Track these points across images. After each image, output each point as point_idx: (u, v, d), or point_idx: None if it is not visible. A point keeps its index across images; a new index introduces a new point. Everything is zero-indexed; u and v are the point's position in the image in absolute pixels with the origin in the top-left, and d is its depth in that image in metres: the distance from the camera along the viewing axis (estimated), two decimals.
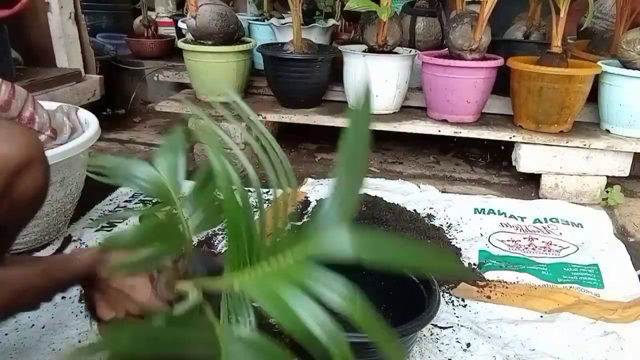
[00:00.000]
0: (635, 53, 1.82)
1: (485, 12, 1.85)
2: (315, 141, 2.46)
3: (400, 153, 2.39)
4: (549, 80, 1.82)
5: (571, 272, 1.42)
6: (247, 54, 2.15)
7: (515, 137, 1.92)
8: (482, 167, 2.27)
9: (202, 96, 2.17)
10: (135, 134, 2.58)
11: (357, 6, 1.93)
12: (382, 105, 2.08)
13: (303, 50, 2.04)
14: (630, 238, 1.69)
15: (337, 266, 1.25)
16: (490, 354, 1.11)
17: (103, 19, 3.34)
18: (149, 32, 2.99)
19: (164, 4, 3.52)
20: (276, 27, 2.35)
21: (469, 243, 1.56)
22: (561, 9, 1.78)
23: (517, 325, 1.20)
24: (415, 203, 1.78)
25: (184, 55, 2.14)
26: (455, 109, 1.98)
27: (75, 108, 1.61)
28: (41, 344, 1.09)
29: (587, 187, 1.92)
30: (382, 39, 2.02)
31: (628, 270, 1.44)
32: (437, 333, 1.17)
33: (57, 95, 2.14)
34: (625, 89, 1.86)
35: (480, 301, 1.30)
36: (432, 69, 1.98)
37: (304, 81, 2.08)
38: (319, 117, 2.06)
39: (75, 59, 2.43)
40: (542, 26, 2.22)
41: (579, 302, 1.28)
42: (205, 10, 2.03)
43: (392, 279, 1.15)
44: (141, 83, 2.94)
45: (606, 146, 1.86)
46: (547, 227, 1.68)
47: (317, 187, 1.89)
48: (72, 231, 1.51)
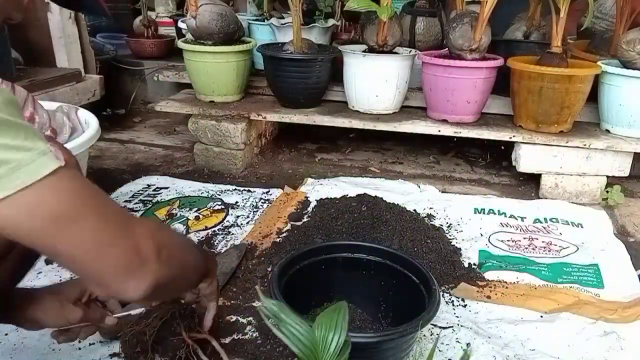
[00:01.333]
0: (635, 53, 1.82)
1: (485, 12, 1.85)
2: (315, 141, 2.46)
3: (400, 153, 2.39)
4: (549, 80, 1.82)
5: (571, 272, 1.42)
6: (247, 54, 2.15)
7: (515, 137, 1.92)
8: (482, 167, 2.27)
9: (202, 96, 2.17)
10: (135, 134, 2.58)
11: (357, 6, 1.93)
12: (382, 105, 2.08)
13: (303, 50, 2.04)
14: (630, 238, 1.69)
15: (337, 266, 1.25)
16: (490, 354, 1.11)
17: (103, 19, 3.33)
18: (149, 32, 2.99)
19: (164, 4, 3.52)
20: (276, 27, 2.35)
21: (469, 243, 1.56)
22: (561, 9, 1.78)
23: (517, 325, 1.20)
24: (415, 203, 1.78)
25: (184, 55, 2.14)
26: (455, 109, 1.98)
27: (75, 108, 1.61)
28: (41, 344, 1.09)
29: (587, 187, 1.92)
30: (382, 39, 2.01)
31: (628, 270, 1.44)
32: (437, 333, 1.17)
33: (57, 95, 2.14)
34: (625, 89, 1.86)
35: (480, 301, 1.30)
36: (432, 69, 1.98)
37: (304, 81, 2.08)
38: (319, 117, 2.06)
39: (75, 59, 2.43)
40: (542, 26, 2.22)
41: (579, 302, 1.28)
42: (205, 10, 2.03)
43: (392, 279, 1.15)
44: (141, 83, 2.94)
45: (606, 146, 1.86)
46: (547, 227, 1.68)
47: (317, 187, 1.89)
48: None
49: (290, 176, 2.07)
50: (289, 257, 1.11)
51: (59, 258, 0.61)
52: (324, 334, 0.75)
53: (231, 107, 2.11)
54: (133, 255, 0.63)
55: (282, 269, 1.06)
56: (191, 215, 1.68)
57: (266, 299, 0.79)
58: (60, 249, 0.58)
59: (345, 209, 1.59)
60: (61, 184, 0.56)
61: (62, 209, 0.56)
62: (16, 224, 0.54)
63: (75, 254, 0.59)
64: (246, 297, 1.28)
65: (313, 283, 1.13)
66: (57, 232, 0.56)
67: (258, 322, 1.18)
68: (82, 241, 0.58)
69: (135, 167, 2.14)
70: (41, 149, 0.54)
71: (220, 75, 2.11)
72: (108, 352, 1.06)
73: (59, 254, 0.59)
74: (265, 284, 1.32)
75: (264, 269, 1.38)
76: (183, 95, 2.27)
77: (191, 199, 1.80)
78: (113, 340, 1.08)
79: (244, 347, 1.10)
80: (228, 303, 1.25)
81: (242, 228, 1.62)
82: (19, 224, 0.54)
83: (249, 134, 2.09)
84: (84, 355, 1.06)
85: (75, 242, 0.58)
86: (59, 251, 0.58)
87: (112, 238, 0.61)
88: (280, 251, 1.44)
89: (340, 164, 2.25)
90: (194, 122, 2.06)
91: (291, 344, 0.73)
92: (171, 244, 0.72)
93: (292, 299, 0.96)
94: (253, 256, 1.45)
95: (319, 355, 0.74)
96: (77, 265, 0.61)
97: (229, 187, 1.92)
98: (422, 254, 1.42)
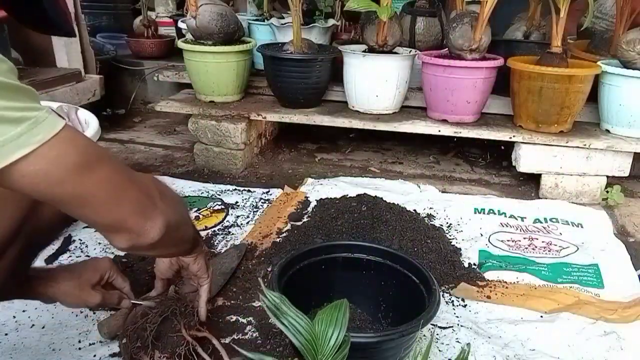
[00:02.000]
0: (635, 53, 1.82)
1: (485, 12, 1.85)
2: (315, 141, 2.46)
3: (400, 153, 2.39)
4: (549, 80, 1.82)
5: (571, 272, 1.42)
6: (247, 54, 2.15)
7: (515, 137, 1.92)
8: (482, 167, 2.27)
9: (202, 96, 2.17)
10: (135, 134, 2.58)
11: (357, 6, 1.93)
12: (382, 105, 2.08)
13: (303, 50, 2.04)
14: (630, 238, 1.69)
15: (337, 266, 1.25)
16: (490, 354, 1.11)
17: (103, 19, 3.34)
18: (149, 32, 2.99)
19: (164, 4, 3.52)
20: (276, 27, 2.35)
21: (469, 243, 1.56)
22: (561, 9, 1.78)
23: (517, 325, 1.20)
24: (415, 203, 1.78)
25: (184, 55, 2.14)
26: (455, 109, 1.98)
27: (75, 108, 1.61)
28: (41, 344, 1.09)
29: (587, 187, 1.92)
30: (382, 39, 2.02)
31: (628, 270, 1.44)
32: (437, 333, 1.17)
33: (57, 95, 2.15)
34: (625, 89, 1.86)
35: (480, 301, 1.30)
36: (432, 69, 1.98)
37: (304, 81, 2.08)
38: (319, 117, 2.07)
39: (75, 59, 2.43)
40: (542, 26, 2.22)
41: (579, 302, 1.28)
42: (205, 10, 2.03)
43: (392, 279, 1.15)
44: (141, 83, 2.94)
45: (606, 146, 1.86)
46: (547, 227, 1.68)
47: (317, 187, 1.90)
48: (72, 231, 1.51)
49: (290, 176, 2.07)
50: (289, 257, 1.11)
51: (83, 209, 0.64)
52: (324, 329, 0.76)
53: (231, 107, 2.11)
54: (145, 197, 0.70)
55: (282, 269, 1.06)
56: (191, 215, 1.68)
57: (268, 291, 0.81)
58: (86, 196, 0.62)
59: (345, 209, 1.59)
60: (75, 136, 0.61)
61: (82, 158, 0.60)
62: (46, 177, 0.57)
63: (99, 199, 0.64)
64: (246, 297, 1.28)
65: (313, 283, 1.13)
66: (83, 179, 0.61)
67: (258, 322, 1.18)
68: (104, 186, 0.64)
69: (135, 167, 2.14)
70: (46, 108, 0.58)
71: (220, 75, 2.11)
72: (108, 352, 1.06)
73: (84, 203, 0.63)
74: (265, 284, 1.32)
75: (264, 269, 1.38)
76: (183, 95, 2.27)
77: (191, 199, 1.80)
78: (113, 340, 1.08)
79: (244, 347, 1.10)
80: (228, 303, 1.25)
81: (242, 228, 1.62)
82: (48, 177, 0.57)
83: (249, 134, 2.09)
84: (84, 355, 1.06)
85: (98, 187, 0.63)
86: (84, 200, 0.63)
87: (126, 181, 0.68)
88: (280, 251, 1.44)
89: (340, 164, 2.25)
90: (194, 122, 2.06)
91: (291, 336, 0.74)
92: (167, 190, 0.78)
93: (292, 299, 0.96)
94: (253, 256, 1.45)
95: (319, 349, 0.74)
96: (100, 213, 0.65)
97: (229, 187, 1.92)
98: (422, 254, 1.42)
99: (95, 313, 1.18)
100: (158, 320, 0.95)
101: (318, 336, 0.75)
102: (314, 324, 0.77)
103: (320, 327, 0.76)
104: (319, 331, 0.76)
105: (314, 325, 0.77)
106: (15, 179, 0.56)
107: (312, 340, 0.75)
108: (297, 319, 0.76)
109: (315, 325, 0.76)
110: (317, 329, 0.76)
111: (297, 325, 0.75)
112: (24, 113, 0.55)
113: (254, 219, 1.68)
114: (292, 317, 0.76)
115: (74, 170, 0.59)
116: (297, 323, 0.75)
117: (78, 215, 0.66)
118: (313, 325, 0.76)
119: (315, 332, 0.75)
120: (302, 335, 0.74)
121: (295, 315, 0.76)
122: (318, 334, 0.76)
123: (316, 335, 0.75)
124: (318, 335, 0.76)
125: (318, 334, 0.76)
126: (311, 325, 0.76)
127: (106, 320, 1.10)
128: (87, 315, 1.18)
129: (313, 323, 0.77)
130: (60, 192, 0.60)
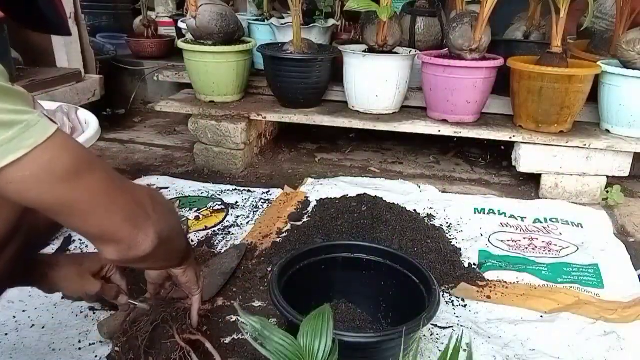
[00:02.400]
0: (635, 53, 1.82)
1: (485, 12, 1.85)
2: (315, 141, 2.46)
3: (400, 153, 2.39)
4: (549, 80, 1.82)
5: (571, 272, 1.42)
6: (247, 54, 2.15)
7: (515, 137, 1.92)
8: (482, 167, 2.27)
9: (202, 96, 2.17)
10: (135, 134, 2.58)
11: (357, 6, 1.93)
12: (382, 105, 2.08)
13: (303, 50, 2.04)
14: (630, 238, 1.69)
15: (337, 266, 1.25)
16: (490, 354, 1.11)
17: (103, 19, 3.34)
18: (149, 32, 2.99)
19: (164, 4, 3.52)
20: (276, 27, 2.35)
21: (469, 243, 1.56)
22: (561, 9, 1.78)
23: (517, 325, 1.20)
24: (415, 203, 1.78)
25: (184, 55, 2.14)
26: (455, 109, 1.98)
27: (75, 108, 1.61)
28: (41, 344, 1.09)
29: (587, 187, 1.92)
30: (382, 39, 2.01)
31: (628, 270, 1.44)
32: (437, 333, 1.17)
33: (57, 95, 2.15)
34: (625, 89, 1.85)
35: (480, 301, 1.30)
36: (432, 69, 1.98)
37: (304, 81, 2.08)
38: (319, 117, 2.07)
39: (75, 59, 2.43)
40: (542, 26, 2.22)
41: (579, 302, 1.28)
42: (205, 10, 2.03)
43: (392, 279, 1.15)
44: (141, 83, 2.94)
45: (606, 146, 1.86)
46: (547, 227, 1.68)
47: (317, 187, 1.90)
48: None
49: (290, 176, 2.07)
50: (289, 257, 1.11)
51: (72, 217, 0.62)
52: (309, 343, 0.75)
53: (231, 107, 2.11)
54: (137, 206, 0.68)
55: (282, 269, 1.06)
56: (191, 215, 1.68)
57: (246, 316, 0.75)
58: (75, 203, 0.60)
59: (345, 209, 1.59)
60: (67, 141, 0.59)
61: (74, 163, 0.59)
62: (37, 183, 0.56)
63: (89, 207, 0.62)
64: (246, 297, 1.28)
65: (313, 283, 1.13)
66: (74, 185, 0.59)
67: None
68: (95, 193, 0.62)
69: (135, 167, 2.14)
70: (38, 112, 0.57)
71: (220, 75, 2.11)
72: (108, 352, 1.06)
73: (73, 211, 0.61)
74: (265, 284, 1.32)
75: (264, 269, 1.38)
76: (183, 95, 2.27)
77: (191, 199, 1.80)
78: (113, 340, 1.08)
79: (244, 347, 1.10)
80: (228, 303, 1.25)
81: (242, 228, 1.62)
82: (39, 183, 0.56)
83: (249, 134, 2.09)
84: (84, 355, 1.06)
85: (89, 194, 0.61)
86: (73, 208, 0.61)
87: (118, 189, 0.65)
88: (280, 251, 1.44)
89: (340, 164, 2.25)
90: (194, 122, 2.06)
91: None
92: (160, 199, 0.76)
93: (292, 299, 0.96)
94: (253, 256, 1.45)
95: None
96: (90, 222, 0.63)
97: (229, 187, 1.92)
98: (422, 254, 1.42)
99: (95, 313, 1.19)
100: (150, 328, 0.93)
101: (304, 350, 0.74)
102: (299, 339, 0.75)
103: (306, 341, 0.75)
104: (304, 345, 0.74)
105: (300, 339, 0.75)
106: (3, 185, 0.54)
107: (299, 357, 0.73)
108: (282, 341, 0.73)
109: (300, 339, 0.75)
110: (303, 343, 0.75)
111: (282, 349, 0.73)
112: (15, 116, 0.53)
113: (254, 219, 1.68)
114: (275, 340, 0.73)
115: (65, 177, 0.58)
116: (281, 346, 0.73)
117: (67, 224, 0.64)
118: (298, 340, 0.75)
119: (301, 348, 0.74)
120: (288, 358, 0.73)
121: (279, 338, 0.73)
122: (304, 348, 0.74)
123: (302, 350, 0.74)
124: (304, 349, 0.74)
125: (304, 348, 0.74)
126: (297, 344, 0.74)
127: (106, 320, 1.11)
128: (87, 316, 1.18)
129: (298, 337, 0.75)
130: (50, 199, 0.58)
